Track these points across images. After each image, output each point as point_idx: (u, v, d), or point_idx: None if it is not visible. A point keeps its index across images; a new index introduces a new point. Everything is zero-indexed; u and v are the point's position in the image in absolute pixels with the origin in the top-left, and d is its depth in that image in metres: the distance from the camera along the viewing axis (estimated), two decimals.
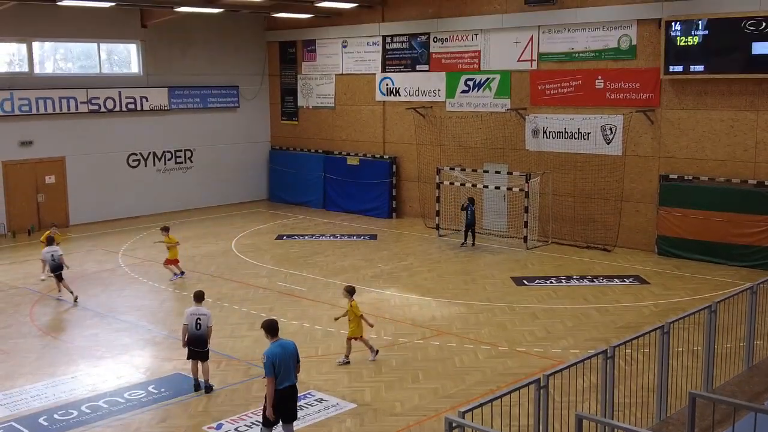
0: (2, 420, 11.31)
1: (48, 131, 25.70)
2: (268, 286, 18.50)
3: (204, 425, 11.04)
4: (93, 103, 26.58)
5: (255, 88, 31.14)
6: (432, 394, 12.13)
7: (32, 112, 25.25)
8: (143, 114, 27.92)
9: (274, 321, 9.79)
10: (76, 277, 18.72)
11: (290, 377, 9.60)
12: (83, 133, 26.50)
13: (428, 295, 17.71)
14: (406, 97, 27.00)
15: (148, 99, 27.90)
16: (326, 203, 29.34)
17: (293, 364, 9.64)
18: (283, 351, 9.52)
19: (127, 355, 14.07)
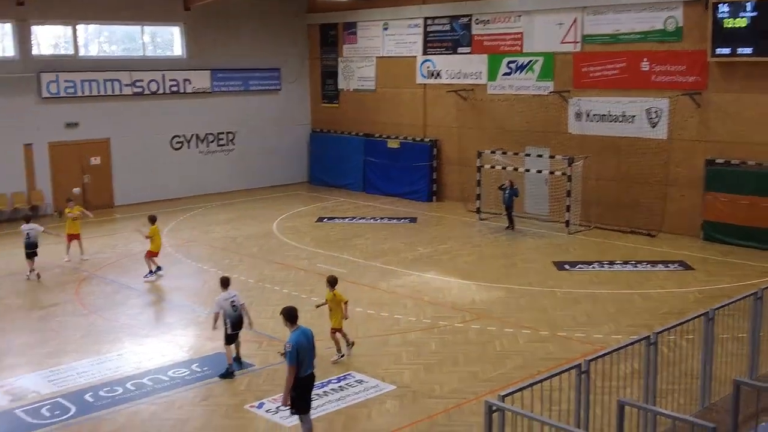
0: (49, 396, 11.58)
1: (93, 113, 26.08)
2: (308, 268, 18.62)
3: (246, 404, 11.18)
4: (137, 86, 26.90)
5: (296, 70, 31.21)
6: (471, 378, 12.12)
7: (77, 94, 25.65)
8: (186, 96, 28.17)
9: (294, 308, 9.76)
10: (121, 257, 19.00)
11: (311, 365, 9.64)
12: (127, 115, 26.85)
13: (468, 279, 17.66)
14: (447, 80, 26.84)
15: (190, 81, 28.14)
16: (366, 186, 29.36)
17: (313, 352, 9.69)
18: (306, 339, 9.54)
19: (171, 334, 14.28)
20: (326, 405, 11.13)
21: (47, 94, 25.02)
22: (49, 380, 12.16)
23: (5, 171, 24.48)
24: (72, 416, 10.91)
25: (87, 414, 10.98)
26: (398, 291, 16.74)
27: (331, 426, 10.52)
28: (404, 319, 14.90)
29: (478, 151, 24.27)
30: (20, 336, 14.26)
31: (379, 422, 10.64)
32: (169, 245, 20.88)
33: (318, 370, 12.26)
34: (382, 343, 13.63)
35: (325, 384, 11.84)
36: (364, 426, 10.54)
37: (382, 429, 10.42)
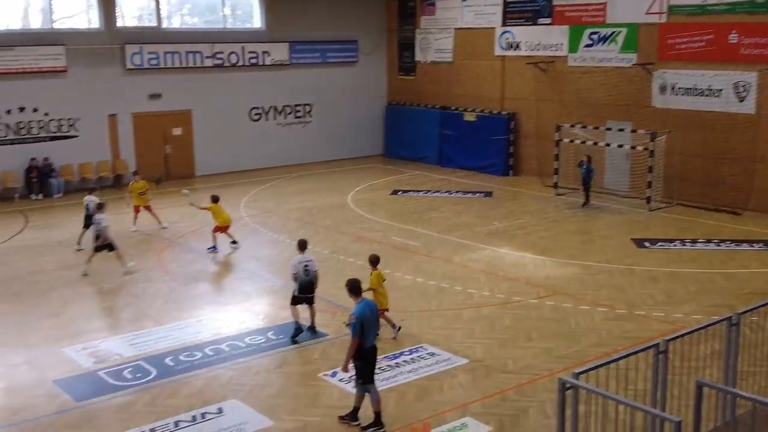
0: (131, 359, 11.98)
1: (175, 85, 26.63)
2: (382, 241, 18.69)
3: (319, 372, 11.34)
4: (217, 58, 27.31)
5: (373, 42, 31.15)
6: (545, 354, 12.00)
7: (160, 65, 26.20)
8: (265, 69, 28.47)
9: (358, 281, 9.89)
10: (201, 225, 19.40)
11: (374, 337, 9.75)
12: (208, 87, 27.31)
13: (544, 255, 17.44)
14: (527, 52, 26.35)
15: (269, 54, 28.41)
16: (442, 159, 29.21)
17: (377, 324, 9.77)
18: (371, 312, 9.64)
19: (248, 303, 14.57)
20: (398, 376, 11.20)
21: (131, 66, 25.64)
22: (131, 344, 12.58)
23: (91, 140, 25.27)
24: (153, 379, 11.27)
25: (167, 377, 11.32)
26: (472, 265, 16.66)
27: (402, 397, 10.58)
28: (478, 293, 14.83)
29: (557, 125, 23.82)
30: (105, 301, 14.78)
31: (451, 395, 10.65)
32: (247, 215, 21.25)
33: (390, 343, 12.42)
34: (455, 317, 13.61)
35: (397, 356, 11.91)
36: (435, 398, 10.57)
37: (453, 402, 10.43)
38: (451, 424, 9.84)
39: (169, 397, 10.71)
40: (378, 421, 9.64)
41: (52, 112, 24.52)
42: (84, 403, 10.56)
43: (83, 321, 13.64)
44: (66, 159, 24.80)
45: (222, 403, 10.47)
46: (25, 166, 24.06)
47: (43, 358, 12.02)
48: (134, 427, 9.83)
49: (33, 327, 13.32)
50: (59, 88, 24.51)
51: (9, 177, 23.92)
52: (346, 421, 9.80)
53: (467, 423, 9.86)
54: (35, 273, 16.41)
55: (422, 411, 10.20)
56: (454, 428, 9.74)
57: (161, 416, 10.11)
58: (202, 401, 10.53)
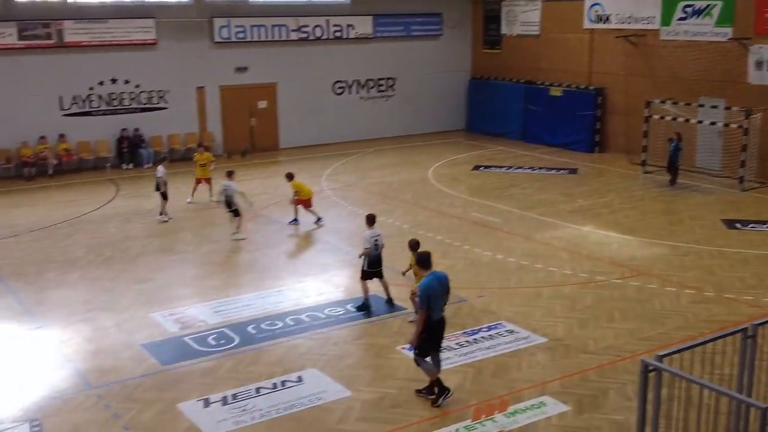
0: (216, 326, 12.30)
1: (261, 58, 26.95)
2: (462, 216, 18.58)
3: (398, 345, 11.40)
4: (302, 31, 27.49)
5: (458, 15, 30.79)
6: (628, 335, 11.75)
7: (247, 39, 26.56)
8: (348, 42, 28.53)
9: (428, 253, 9.86)
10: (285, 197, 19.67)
11: (442, 309, 9.69)
12: (292, 60, 27.55)
13: (629, 234, 17.03)
14: (617, 25, 25.58)
15: (353, 27, 28.43)
16: (525, 135, 28.78)
17: (444, 296, 9.72)
18: (439, 284, 9.58)
19: (328, 274, 14.74)
20: (476, 352, 11.17)
21: (219, 39, 26.07)
22: (215, 311, 12.91)
23: (180, 113, 25.88)
24: (235, 346, 11.55)
25: (249, 345, 11.58)
26: (554, 243, 16.41)
27: (480, 373, 10.55)
28: (559, 272, 14.61)
29: (647, 101, 23.12)
30: (191, 269, 15.19)
31: (529, 373, 10.56)
32: (328, 189, 21.44)
33: (469, 318, 12.39)
34: (535, 295, 13.45)
35: (475, 332, 11.87)
36: (513, 375, 10.50)
37: (531, 380, 10.34)
38: (529, 401, 9.76)
39: (251, 364, 10.95)
40: (442, 387, 9.69)
41: (143, 84, 25.19)
42: (169, 366, 10.91)
43: (170, 287, 14.07)
44: (155, 130, 25.49)
45: (301, 371, 10.65)
46: (116, 137, 24.85)
47: (132, 322, 12.46)
48: (217, 391, 10.10)
49: (122, 292, 13.80)
50: (149, 61, 25.15)
51: (101, 147, 24.75)
52: (422, 394, 9.84)
53: (545, 402, 9.76)
54: (125, 240, 16.98)
55: (499, 388, 10.15)
56: (531, 406, 9.66)
57: (243, 382, 10.36)
58: (282, 369, 10.74)
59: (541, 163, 24.78)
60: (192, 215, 19.00)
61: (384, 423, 9.32)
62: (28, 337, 12.01)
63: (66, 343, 11.70)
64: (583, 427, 9.18)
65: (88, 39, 24.00)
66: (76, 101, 24.32)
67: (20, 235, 17.44)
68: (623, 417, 9.36)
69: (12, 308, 13.13)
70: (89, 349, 11.54)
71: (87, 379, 10.55)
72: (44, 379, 10.54)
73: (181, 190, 20.25)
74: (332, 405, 9.77)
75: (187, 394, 10.09)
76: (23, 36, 23.01)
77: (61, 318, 12.67)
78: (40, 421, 9.44)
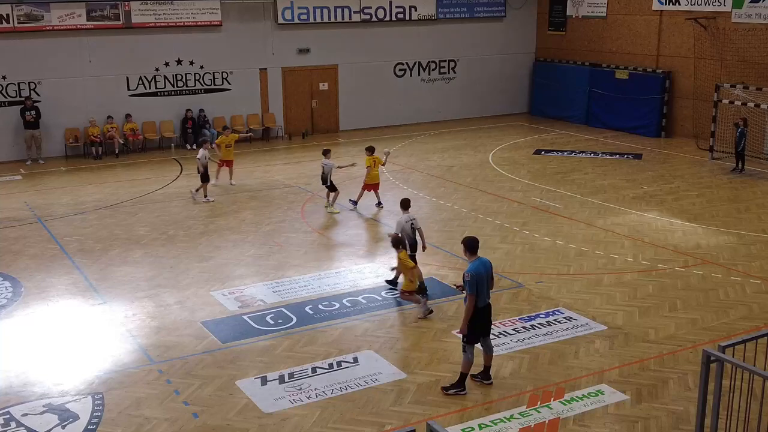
0: (274, 305, 12.46)
1: (322, 40, 27.03)
2: (522, 201, 18.39)
3: (454, 329, 11.37)
4: (365, 13, 27.45)
5: None
6: (690, 325, 11.50)
7: (309, 20, 26.65)
8: (411, 24, 28.38)
9: (475, 239, 9.71)
10: (343, 179, 19.76)
11: (488, 296, 9.63)
12: (354, 42, 27.56)
13: (694, 221, 16.63)
14: (687, 6, 24.86)
15: (416, 8, 28.26)
16: (589, 119, 28.28)
17: (490, 282, 9.66)
18: (485, 270, 9.51)
19: (385, 257, 14.75)
20: (533, 338, 11.08)
21: (282, 21, 26.22)
22: (273, 291, 13.07)
23: (243, 94, 26.17)
24: (293, 326, 11.68)
25: (306, 325, 11.71)
26: (616, 230, 16.12)
27: (536, 360, 10.47)
28: (620, 259, 14.36)
29: (716, 85, 22.47)
30: (250, 248, 15.39)
31: (587, 361, 10.43)
32: (387, 171, 21.44)
33: (527, 304, 12.29)
34: (595, 282, 13.26)
35: (532, 317, 11.77)
36: (570, 363, 10.38)
37: (589, 368, 10.21)
38: (586, 389, 9.65)
39: (308, 344, 11.07)
40: (461, 383, 9.62)
41: (207, 65, 25.52)
42: (229, 344, 11.10)
43: (230, 266, 14.29)
44: (218, 111, 25.82)
45: (357, 353, 10.73)
46: (180, 117, 25.27)
47: (193, 300, 12.70)
48: (274, 370, 10.25)
49: (184, 270, 14.07)
50: (214, 42, 25.45)
51: (166, 127, 25.20)
52: (478, 380, 9.81)
53: (603, 390, 9.64)
54: (188, 219, 17.30)
55: (556, 375, 10.05)
56: (589, 394, 9.54)
57: (300, 362, 10.48)
58: (338, 350, 10.83)
59: (605, 148, 24.33)
60: (251, 196, 19.22)
61: (438, 406, 9.33)
62: (93, 312, 12.36)
63: (129, 319, 12.00)
64: (641, 417, 9.04)
65: (154, 20, 24.40)
66: (142, 82, 24.80)
67: (87, 213, 17.92)
68: (682, 407, 9.18)
69: (78, 284, 13.52)
70: (152, 325, 11.82)
71: (149, 354, 10.81)
72: (107, 354, 10.84)
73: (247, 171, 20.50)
74: (387, 387, 9.82)
75: (245, 371, 10.26)
76: (91, 17, 23.53)
77: (125, 294, 13.00)
78: (102, 394, 9.71)
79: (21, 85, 23.18)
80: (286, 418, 9.14)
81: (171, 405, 9.45)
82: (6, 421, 9.11)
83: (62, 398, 9.62)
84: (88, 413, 9.27)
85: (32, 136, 23.06)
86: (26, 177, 21.72)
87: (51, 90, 23.51)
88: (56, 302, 12.76)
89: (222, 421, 9.10)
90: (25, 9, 22.65)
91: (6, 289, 13.27)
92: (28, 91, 23.26)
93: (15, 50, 22.92)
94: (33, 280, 13.67)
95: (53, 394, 9.72)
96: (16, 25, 22.67)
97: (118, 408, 9.37)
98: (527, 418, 9.04)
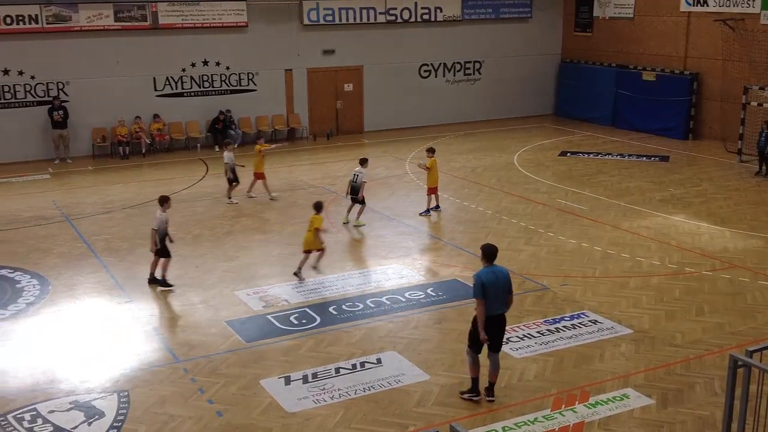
0: (298, 305, 12.49)
1: (348, 41, 27.07)
2: (547, 203, 18.29)
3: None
4: (390, 14, 27.45)
5: None
6: (717, 329, 11.37)
7: (334, 21, 26.70)
8: (436, 24, 28.34)
9: (493, 247, 9.34)
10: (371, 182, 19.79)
11: (501, 306, 9.22)
12: (379, 43, 27.57)
13: (722, 225, 16.44)
14: (715, 8, 24.62)
15: (442, 9, 28.22)
16: (616, 120, 28.08)
17: (504, 293, 9.23)
18: (495, 277, 9.12)
19: (409, 258, 14.75)
20: (557, 341, 11.02)
21: (308, 22, 26.29)
22: (298, 291, 13.10)
23: (269, 95, 26.27)
24: (317, 326, 11.70)
25: (330, 325, 11.72)
26: (642, 232, 15.99)
27: (561, 363, 10.40)
28: (647, 262, 14.24)
29: (745, 87, 22.22)
30: (275, 248, 15.44)
31: (612, 364, 10.35)
32: (411, 172, 21.43)
33: (551, 306, 12.21)
34: (620, 285, 13.15)
35: (557, 320, 11.70)
36: (595, 366, 10.31)
37: (614, 371, 10.14)
38: (611, 393, 9.57)
39: (331, 344, 11.08)
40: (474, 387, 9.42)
41: (233, 66, 25.65)
42: (253, 343, 11.14)
43: (255, 266, 14.34)
44: (244, 112, 25.95)
45: (381, 353, 10.72)
46: (207, 118, 25.40)
47: (218, 299, 12.77)
48: (298, 370, 10.27)
49: (209, 269, 14.15)
50: (240, 43, 25.58)
51: (192, 127, 25.36)
52: (467, 396, 9.49)
53: (628, 394, 9.56)
54: (213, 218, 17.40)
55: (580, 378, 9.99)
56: (614, 398, 9.47)
57: (323, 362, 10.50)
58: (362, 351, 10.83)
59: (631, 150, 24.14)
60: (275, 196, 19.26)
61: (461, 408, 9.31)
62: (119, 310, 12.47)
63: (155, 318, 12.09)
64: (667, 422, 8.95)
65: (181, 21, 24.58)
66: (168, 82, 24.98)
67: (114, 212, 18.09)
68: (709, 412, 9.09)
69: (104, 282, 13.64)
70: (177, 323, 11.91)
71: (174, 352, 10.88)
72: (133, 352, 10.93)
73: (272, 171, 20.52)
74: (411, 388, 9.81)
75: (269, 371, 10.29)
76: (119, 18, 23.75)
77: (151, 293, 13.10)
78: (128, 392, 9.79)
79: (49, 85, 23.45)
80: (310, 417, 9.16)
81: (195, 403, 9.50)
82: (33, 417, 9.21)
83: (88, 395, 9.71)
84: (114, 411, 9.35)
85: (60, 136, 23.32)
86: (54, 176, 21.97)
87: (79, 90, 23.76)
88: (83, 300, 12.89)
89: (246, 420, 9.13)
90: (53, 9, 22.91)
91: (33, 286, 13.43)
92: (57, 91, 23.53)
93: (43, 50, 23.19)
94: (60, 278, 13.82)
95: (80, 392, 9.81)
96: (44, 26, 22.95)
97: (143, 406, 9.45)
98: (551, 422, 8.99)
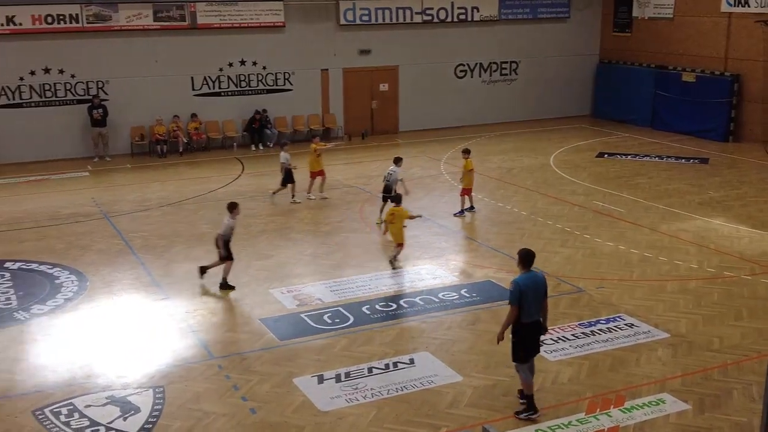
0: (331, 304, 12.51)
1: (384, 40, 27.08)
2: (584, 204, 18.12)
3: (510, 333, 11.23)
4: (427, 14, 27.41)
5: None
6: (756, 334, 11.16)
7: (371, 21, 26.72)
8: (473, 24, 28.24)
9: (531, 252, 9.10)
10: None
11: (537, 312, 9.00)
12: (415, 43, 27.54)
13: (762, 228, 16.14)
14: (757, 8, 24.19)
15: (479, 9, 28.10)
16: (654, 122, 27.73)
17: (541, 299, 9.00)
18: (534, 284, 8.91)
19: (443, 258, 14.71)
20: (593, 345, 10.90)
21: (344, 22, 26.36)
22: (331, 290, 13.13)
23: (305, 94, 26.39)
24: (350, 325, 11.71)
25: (363, 325, 11.73)
26: (680, 235, 15.76)
27: (597, 366, 10.29)
28: (685, 265, 14.03)
29: None
30: (309, 248, 15.50)
31: (648, 369, 10.21)
32: (447, 173, 21.38)
33: (587, 309, 12.09)
34: (658, 289, 12.97)
35: (593, 323, 11.58)
36: (631, 370, 10.18)
37: (650, 376, 10.00)
38: (647, 398, 9.44)
39: (364, 343, 11.09)
40: (530, 405, 9.14)
41: (270, 65, 25.80)
42: (286, 342, 11.19)
43: (289, 265, 14.41)
44: (280, 111, 26.09)
45: (414, 354, 10.70)
46: (243, 117, 25.59)
47: (252, 297, 12.85)
48: (331, 369, 10.29)
49: (244, 267, 14.23)
50: (277, 43, 25.72)
51: (229, 126, 25.56)
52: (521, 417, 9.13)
53: (665, 399, 9.42)
54: (248, 217, 17.48)
55: (616, 382, 9.87)
56: (650, 402, 9.34)
57: (356, 361, 10.51)
58: (395, 351, 10.82)
59: (670, 152, 23.82)
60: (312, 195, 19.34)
61: (494, 411, 9.25)
62: (155, 307, 12.61)
63: (191, 315, 12.20)
64: (703, 427, 8.81)
65: (219, 21, 24.80)
66: (206, 82, 25.21)
67: (151, 210, 18.30)
68: (746, 419, 8.92)
69: (141, 279, 13.80)
70: (212, 321, 12.00)
71: (209, 349, 10.97)
72: (169, 348, 11.04)
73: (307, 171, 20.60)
74: (443, 389, 9.77)
75: (302, 369, 10.33)
76: (158, 18, 24.03)
77: (187, 290, 13.22)
78: (163, 387, 9.89)
79: (89, 83, 23.80)
80: (342, 417, 9.17)
81: (229, 400, 9.57)
82: (69, 411, 9.35)
83: (124, 391, 9.83)
84: (149, 406, 9.45)
85: (99, 134, 23.66)
86: (93, 174, 22.30)
87: (118, 89, 24.08)
88: (120, 296, 13.05)
89: (279, 417, 9.17)
90: (93, 9, 23.26)
91: (72, 282, 13.64)
92: (96, 89, 23.88)
93: (84, 49, 23.55)
94: (98, 274, 14.01)
95: (116, 387, 9.93)
96: (84, 25, 23.30)
97: (178, 402, 9.53)
98: (585, 426, 8.89)
